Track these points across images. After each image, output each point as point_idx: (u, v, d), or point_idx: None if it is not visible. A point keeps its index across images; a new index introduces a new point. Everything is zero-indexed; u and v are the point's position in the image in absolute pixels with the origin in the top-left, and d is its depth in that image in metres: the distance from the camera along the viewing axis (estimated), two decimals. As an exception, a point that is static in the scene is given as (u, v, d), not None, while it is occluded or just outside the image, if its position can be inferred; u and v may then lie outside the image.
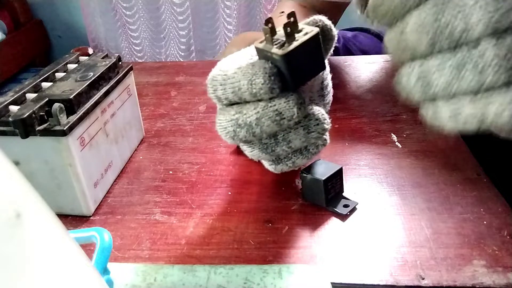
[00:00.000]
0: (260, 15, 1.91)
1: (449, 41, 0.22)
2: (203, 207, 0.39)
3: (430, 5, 0.23)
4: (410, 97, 0.25)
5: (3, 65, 1.80)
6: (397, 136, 0.48)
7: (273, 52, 0.27)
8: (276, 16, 0.57)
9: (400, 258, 0.33)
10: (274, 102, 0.28)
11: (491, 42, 0.21)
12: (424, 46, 0.23)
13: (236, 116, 0.30)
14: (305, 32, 0.28)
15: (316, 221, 0.37)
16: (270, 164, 0.33)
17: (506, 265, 0.31)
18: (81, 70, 0.42)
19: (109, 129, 0.42)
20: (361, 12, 0.28)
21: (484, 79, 0.21)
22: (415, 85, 0.24)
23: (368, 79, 0.62)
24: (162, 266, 0.33)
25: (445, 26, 0.22)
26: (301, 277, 0.31)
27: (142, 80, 0.67)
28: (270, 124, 0.29)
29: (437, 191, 0.39)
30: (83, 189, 0.38)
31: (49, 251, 0.14)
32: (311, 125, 0.30)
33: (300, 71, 0.28)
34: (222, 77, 0.30)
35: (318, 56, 0.29)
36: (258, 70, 0.27)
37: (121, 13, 2.01)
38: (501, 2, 0.20)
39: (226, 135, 0.31)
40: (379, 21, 0.26)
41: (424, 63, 0.24)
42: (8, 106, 0.36)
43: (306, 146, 0.31)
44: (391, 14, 0.25)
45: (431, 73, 0.23)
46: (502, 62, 0.21)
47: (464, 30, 0.21)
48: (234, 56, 0.32)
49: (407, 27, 0.24)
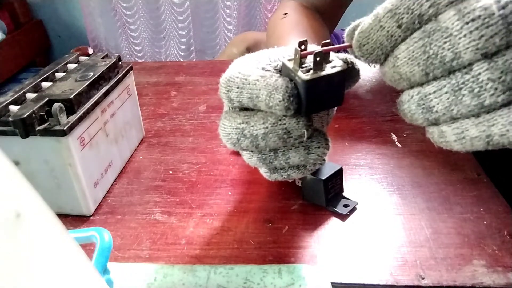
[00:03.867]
0: (260, 15, 1.90)
1: (442, 70, 0.23)
2: (203, 207, 0.39)
3: (416, 38, 0.23)
4: (413, 122, 0.26)
5: (3, 65, 1.80)
6: (397, 136, 0.48)
7: (297, 75, 0.27)
8: (279, 18, 0.56)
9: (400, 258, 0.33)
10: (284, 121, 0.28)
11: (483, 66, 0.21)
12: (418, 76, 0.24)
13: (242, 126, 0.30)
14: (334, 65, 0.28)
15: (316, 221, 0.37)
16: (265, 172, 0.33)
17: (506, 265, 0.31)
18: (81, 70, 0.42)
19: (109, 129, 0.42)
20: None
21: (482, 102, 0.21)
22: (416, 111, 0.25)
23: (368, 79, 0.62)
24: (162, 266, 0.33)
25: (435, 57, 0.22)
26: (301, 277, 0.31)
27: (142, 80, 0.67)
28: (276, 140, 0.29)
29: (437, 191, 0.39)
30: (83, 189, 0.38)
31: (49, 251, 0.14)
32: (313, 147, 0.30)
33: (317, 100, 0.28)
34: (241, 80, 0.30)
35: (339, 92, 0.29)
36: (280, 87, 0.27)
37: (121, 13, 2.01)
38: (484, 29, 0.20)
39: (228, 140, 0.31)
40: (366, 58, 0.26)
41: (421, 91, 0.24)
42: (8, 106, 0.36)
43: (304, 164, 0.31)
44: (379, 50, 0.25)
45: (429, 100, 0.24)
46: (497, 85, 0.21)
47: (453, 58, 0.22)
48: (252, 58, 0.32)
49: (397, 61, 0.24)
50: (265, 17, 1.89)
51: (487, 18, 0.20)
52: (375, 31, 0.25)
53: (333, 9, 0.61)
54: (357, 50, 0.26)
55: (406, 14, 0.23)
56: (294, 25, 0.54)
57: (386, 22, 0.24)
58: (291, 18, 0.55)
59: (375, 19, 0.25)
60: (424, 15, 0.23)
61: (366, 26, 0.25)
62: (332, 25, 0.63)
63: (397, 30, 0.24)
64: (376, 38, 0.25)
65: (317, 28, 0.54)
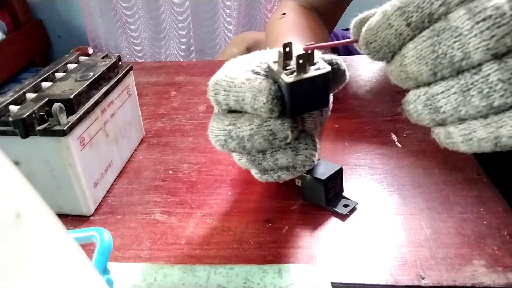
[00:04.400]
0: (260, 15, 1.90)
1: (450, 70, 0.22)
2: (203, 207, 0.39)
3: (424, 37, 0.23)
4: (419, 123, 0.25)
5: (3, 65, 1.80)
6: (397, 136, 0.48)
7: (281, 77, 0.27)
8: (278, 18, 0.56)
9: (400, 258, 0.33)
10: (269, 122, 0.28)
11: (493, 67, 0.21)
12: (426, 76, 0.23)
13: (229, 128, 0.30)
14: (318, 67, 0.28)
15: (316, 221, 0.37)
16: (256, 173, 0.33)
17: (506, 264, 0.31)
18: (81, 70, 0.42)
19: (109, 129, 0.42)
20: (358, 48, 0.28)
21: (491, 103, 0.21)
22: (423, 111, 0.24)
23: (368, 79, 0.62)
24: (162, 266, 0.33)
25: (444, 56, 0.22)
26: (301, 277, 0.31)
27: (142, 80, 0.67)
28: (262, 142, 0.29)
29: (437, 191, 0.39)
30: (83, 189, 0.38)
31: (49, 251, 0.14)
32: (300, 148, 0.30)
33: (301, 102, 0.28)
34: (227, 83, 0.30)
35: (323, 94, 0.29)
36: (264, 89, 0.27)
37: (121, 13, 2.01)
38: (495, 29, 0.20)
39: (216, 142, 0.32)
40: (373, 56, 0.26)
41: (428, 91, 0.24)
42: (8, 106, 0.36)
43: (293, 165, 0.31)
44: (386, 49, 0.25)
45: (437, 100, 0.23)
46: (508, 86, 0.20)
47: (463, 58, 0.21)
48: (241, 61, 0.32)
49: (405, 60, 0.24)
50: (265, 17, 1.89)
51: (498, 17, 0.20)
52: (383, 29, 0.24)
53: (332, 9, 0.61)
54: (364, 47, 0.26)
55: (415, 13, 0.23)
56: (292, 25, 0.54)
57: (395, 20, 0.24)
58: (289, 18, 0.55)
59: (383, 17, 0.24)
60: (434, 14, 0.22)
61: (374, 24, 0.25)
62: (332, 25, 0.63)
63: (406, 28, 0.23)
64: (384, 36, 0.24)
65: (316, 28, 0.54)
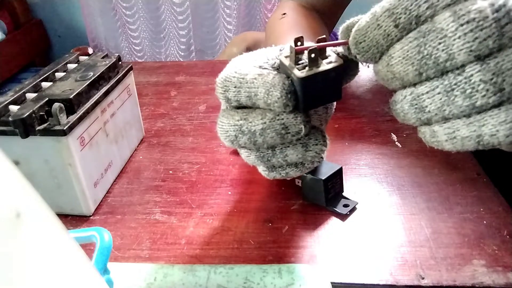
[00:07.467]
0: (260, 15, 1.90)
1: (435, 70, 0.23)
2: (203, 207, 0.39)
3: (411, 38, 0.23)
4: (406, 122, 0.26)
5: (3, 65, 1.80)
6: (397, 136, 0.48)
7: (293, 72, 0.27)
8: (278, 18, 0.56)
9: (400, 258, 0.33)
10: (282, 116, 0.29)
11: (475, 68, 0.22)
12: (411, 76, 0.24)
13: (240, 122, 0.30)
14: (330, 61, 0.28)
15: (316, 221, 0.37)
16: (263, 170, 0.33)
17: (506, 264, 0.31)
18: (81, 70, 0.42)
19: (109, 129, 0.42)
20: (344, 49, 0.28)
21: (473, 103, 0.22)
22: (409, 111, 0.25)
23: (368, 79, 0.62)
24: (162, 266, 0.33)
25: (429, 57, 0.23)
26: (301, 277, 0.31)
27: (142, 80, 0.67)
28: (274, 136, 0.29)
29: (437, 191, 0.39)
30: (83, 189, 0.38)
31: (49, 251, 0.14)
32: (310, 144, 0.30)
33: (313, 96, 0.29)
34: (238, 79, 0.30)
35: (336, 87, 0.29)
36: (278, 84, 0.28)
37: (121, 13, 2.01)
38: (478, 32, 0.21)
39: (226, 138, 0.31)
40: (362, 56, 0.27)
41: (414, 91, 0.24)
42: (8, 106, 0.36)
43: (302, 162, 0.31)
44: (374, 49, 0.26)
45: (422, 100, 0.24)
46: (489, 87, 0.21)
47: (447, 59, 0.22)
48: (248, 58, 0.32)
49: (391, 60, 0.25)
50: (265, 17, 1.89)
51: (481, 20, 0.21)
52: (372, 30, 0.25)
53: (332, 8, 0.61)
54: (354, 47, 0.26)
55: (403, 14, 0.23)
56: (292, 25, 0.54)
57: (384, 21, 0.24)
58: (289, 18, 0.55)
59: (372, 17, 0.25)
60: (421, 16, 0.23)
61: (363, 24, 0.25)
62: (332, 24, 0.63)
63: (394, 29, 0.24)
64: (373, 36, 0.25)
65: (316, 28, 0.54)
